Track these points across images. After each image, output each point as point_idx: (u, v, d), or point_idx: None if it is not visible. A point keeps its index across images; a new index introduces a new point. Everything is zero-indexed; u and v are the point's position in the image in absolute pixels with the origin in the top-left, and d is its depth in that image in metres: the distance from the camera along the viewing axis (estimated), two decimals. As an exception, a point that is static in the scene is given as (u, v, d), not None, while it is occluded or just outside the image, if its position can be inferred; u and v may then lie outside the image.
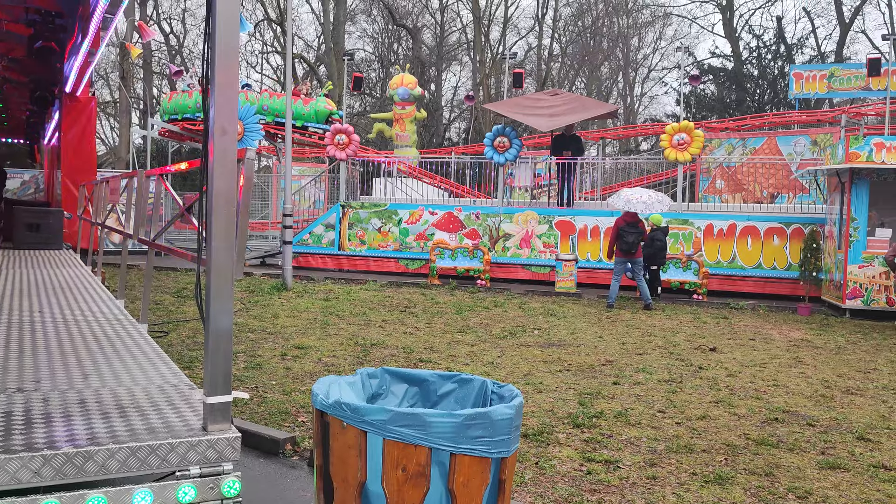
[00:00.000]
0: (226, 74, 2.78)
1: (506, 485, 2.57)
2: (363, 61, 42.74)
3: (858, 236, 12.16)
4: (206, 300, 2.78)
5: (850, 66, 22.23)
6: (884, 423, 5.98)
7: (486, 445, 2.41)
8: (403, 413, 2.39)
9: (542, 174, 18.05)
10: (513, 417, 2.47)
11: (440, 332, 9.65)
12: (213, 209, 2.74)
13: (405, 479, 2.41)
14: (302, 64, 39.73)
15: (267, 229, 23.42)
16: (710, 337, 9.96)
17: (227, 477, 2.61)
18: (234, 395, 2.79)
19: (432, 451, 2.39)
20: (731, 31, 39.34)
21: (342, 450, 2.51)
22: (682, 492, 4.44)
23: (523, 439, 5.31)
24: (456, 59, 44.34)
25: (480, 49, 37.59)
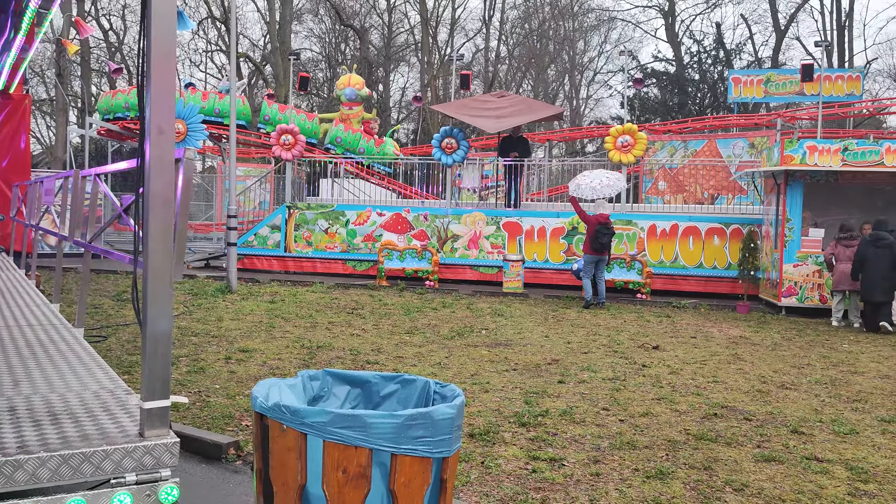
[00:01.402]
0: (162, 72, 2.72)
1: (447, 484, 2.57)
2: (310, 61, 42.37)
3: (793, 236, 12.56)
4: (144, 303, 2.72)
5: (785, 72, 22.99)
6: (816, 417, 6.19)
7: (427, 445, 2.41)
8: (344, 415, 2.38)
9: (489, 175, 18.16)
10: (454, 417, 2.48)
11: (388, 333, 9.63)
12: (150, 210, 2.68)
13: (346, 481, 2.40)
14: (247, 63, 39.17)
15: (211, 231, 23.02)
16: (653, 335, 10.16)
17: (164, 483, 2.55)
18: (172, 400, 2.73)
19: (373, 452, 2.38)
20: (674, 36, 40.27)
21: (282, 453, 2.49)
22: (625, 487, 4.52)
23: (469, 439, 5.34)
24: (404, 60, 44.31)
25: (428, 50, 37.64)
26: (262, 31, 41.41)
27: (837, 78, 21.88)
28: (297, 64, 29.35)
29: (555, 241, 15.23)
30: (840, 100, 21.41)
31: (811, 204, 12.80)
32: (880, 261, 11.13)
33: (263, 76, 39.70)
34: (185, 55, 41.87)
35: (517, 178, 16.03)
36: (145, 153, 2.71)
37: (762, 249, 13.80)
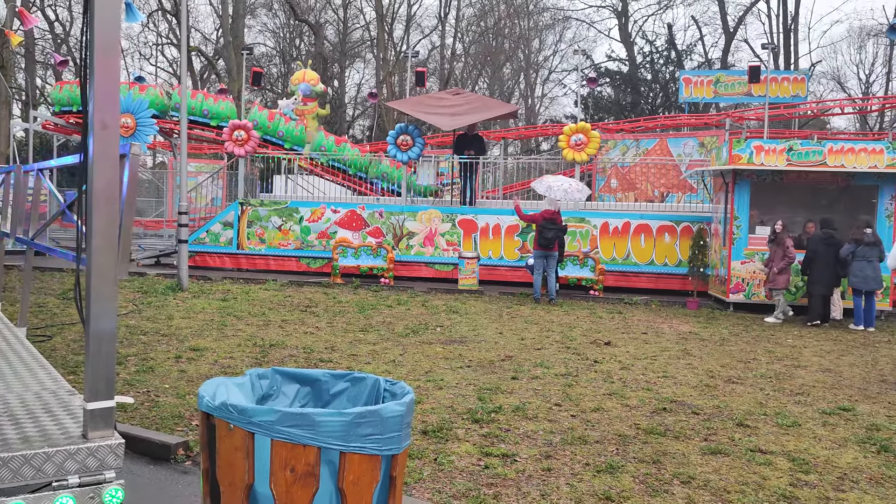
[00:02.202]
0: (106, 64, 2.66)
1: (397, 481, 2.58)
2: (264, 56, 41.86)
3: (741, 234, 12.87)
4: (87, 302, 2.66)
5: (734, 73, 23.50)
6: (761, 410, 6.35)
7: (376, 443, 2.41)
8: (292, 413, 2.37)
9: (445, 173, 18.18)
10: (403, 414, 2.48)
11: (342, 331, 9.58)
12: (94, 207, 2.63)
13: (294, 480, 2.38)
14: (199, 57, 38.52)
15: (162, 228, 22.58)
16: (605, 331, 10.30)
17: (109, 485, 2.50)
18: (117, 400, 2.67)
19: (321, 451, 2.37)
20: (627, 37, 40.85)
21: (229, 452, 2.46)
22: (576, 482, 4.58)
23: (423, 436, 5.35)
24: (359, 56, 44.06)
25: (384, 47, 37.50)
26: (215, 24, 40.75)
27: (783, 80, 22.46)
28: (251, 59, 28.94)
29: (510, 238, 15.33)
30: (786, 101, 21.98)
31: (758, 202, 13.12)
32: (828, 258, 11.53)
33: (216, 71, 39.08)
34: (135, 48, 40.98)
35: (472, 175, 16.08)
36: (88, 148, 2.65)
37: (711, 247, 14.10)
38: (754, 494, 4.45)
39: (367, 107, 41.09)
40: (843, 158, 12.32)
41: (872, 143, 12.73)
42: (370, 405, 2.69)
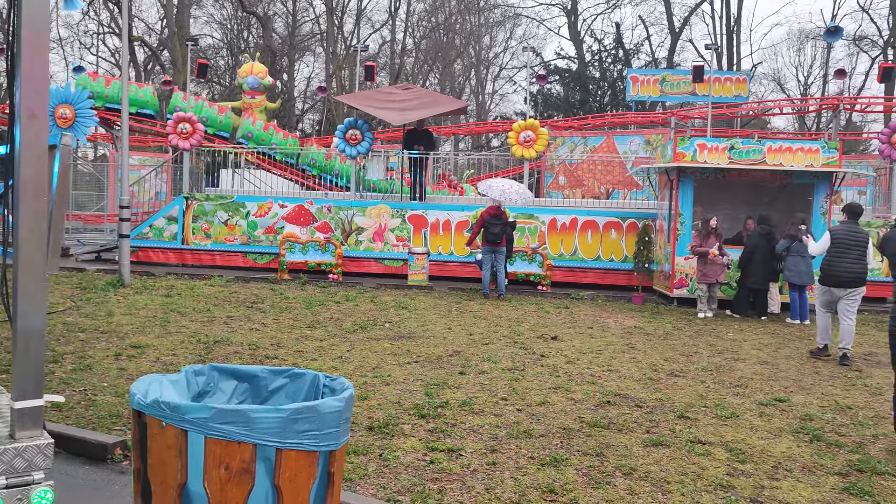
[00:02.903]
0: (34, 52, 2.57)
1: (335, 477, 2.55)
2: (210, 48, 41.04)
3: (684, 230, 13.13)
4: (14, 298, 2.57)
5: (679, 72, 23.94)
6: (701, 402, 6.50)
7: (313, 439, 2.38)
8: (226, 410, 2.32)
9: (394, 168, 18.12)
10: (342, 410, 2.46)
11: (288, 327, 9.47)
12: (20, 199, 2.54)
13: (228, 478, 2.34)
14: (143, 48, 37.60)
15: (103, 222, 21.98)
16: (552, 326, 10.41)
17: (37, 487, 2.43)
18: (46, 399, 2.59)
19: (257, 448, 2.33)
20: (576, 35, 41.29)
21: (161, 451, 2.40)
22: (520, 475, 4.62)
23: (368, 432, 5.32)
24: (309, 49, 43.56)
25: (333, 41, 37.16)
26: (159, 14, 39.78)
27: (726, 80, 22.98)
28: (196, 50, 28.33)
29: (459, 233, 15.36)
30: (728, 101, 22.49)
31: (701, 199, 13.41)
32: (767, 252, 11.87)
33: (160, 62, 38.19)
34: (75, 37, 39.76)
35: (422, 171, 16.06)
36: (15, 139, 2.56)
37: (656, 243, 14.36)
38: (693, 484, 4.55)
39: (316, 101, 40.68)
40: (781, 157, 12.67)
41: (809, 143, 13.12)
42: (310, 401, 2.66)
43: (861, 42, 39.83)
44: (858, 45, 39.95)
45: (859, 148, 34.48)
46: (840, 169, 12.80)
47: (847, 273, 8.77)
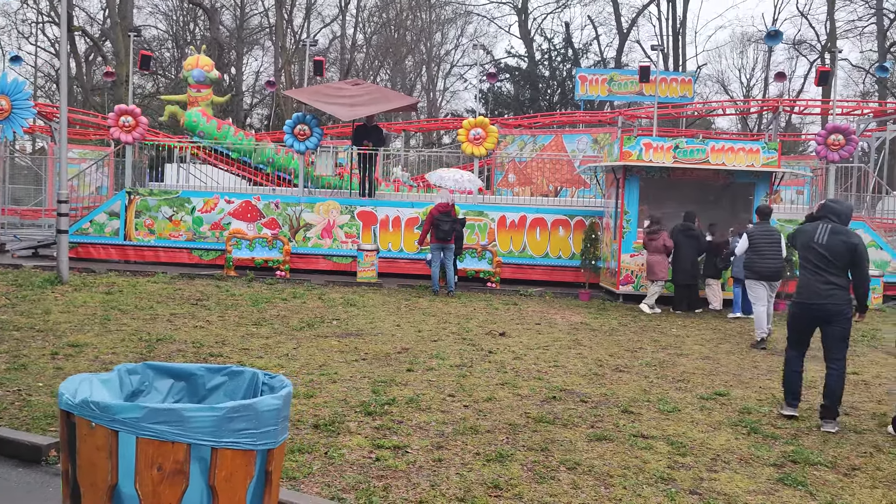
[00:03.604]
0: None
1: (273, 476, 2.51)
2: (155, 39, 40.09)
3: (630, 228, 13.35)
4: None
5: (626, 72, 24.33)
6: (645, 397, 6.62)
7: (250, 438, 2.34)
8: (159, 409, 2.26)
9: (343, 164, 17.98)
10: (280, 408, 2.42)
11: (234, 325, 9.31)
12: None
13: (161, 479, 2.28)
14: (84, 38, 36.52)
15: (41, 217, 21.29)
16: (500, 322, 10.47)
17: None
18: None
19: (192, 447, 2.28)
20: (526, 33, 41.60)
21: (90, 452, 2.33)
22: (466, 471, 4.63)
23: (314, 430, 5.27)
24: (258, 43, 42.91)
25: (283, 34, 36.67)
26: (101, 3, 38.68)
27: (672, 81, 23.46)
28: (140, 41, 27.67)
29: (409, 230, 15.33)
30: (674, 101, 22.97)
31: (647, 198, 13.65)
32: (689, 249, 12.15)
33: (102, 53, 37.14)
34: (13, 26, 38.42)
35: (371, 167, 15.97)
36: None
37: (602, 240, 14.56)
38: (635, 477, 4.63)
39: (265, 95, 40.10)
40: (723, 157, 12.97)
41: (750, 144, 13.46)
42: (248, 399, 2.61)
43: (800, 46, 41.09)
44: (798, 49, 41.20)
45: (799, 149, 35.54)
46: (779, 169, 13.17)
47: (767, 268, 9.74)
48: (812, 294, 6.03)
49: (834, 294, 5.94)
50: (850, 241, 5.98)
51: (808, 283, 6.09)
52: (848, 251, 5.94)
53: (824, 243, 6.01)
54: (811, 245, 6.09)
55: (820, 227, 6.13)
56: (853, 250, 5.94)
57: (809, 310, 6.08)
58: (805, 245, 6.16)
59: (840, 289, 5.96)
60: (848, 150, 15.25)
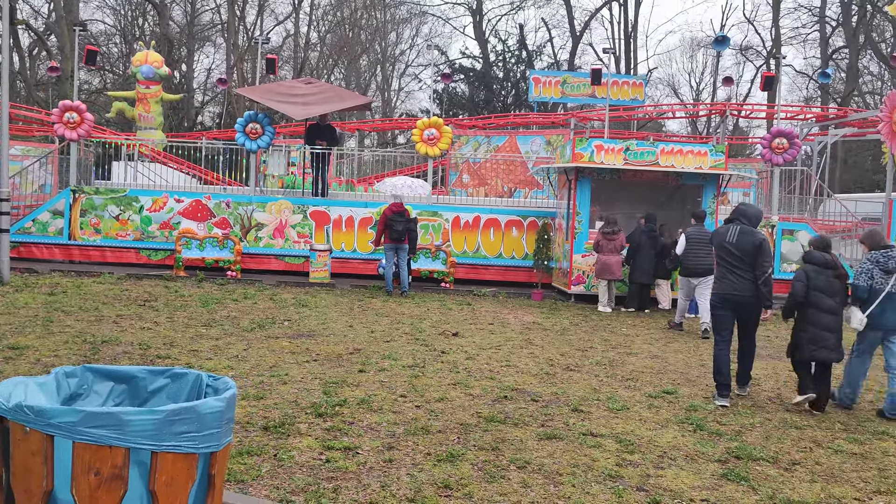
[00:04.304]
0: None
1: (216, 480, 2.47)
2: (102, 34, 39.12)
3: (582, 229, 13.51)
4: None
5: (579, 75, 24.62)
6: (594, 395, 6.70)
7: (192, 441, 2.30)
8: (97, 413, 2.20)
9: (296, 163, 17.80)
10: (223, 410, 2.38)
11: (183, 326, 9.15)
12: None
13: (99, 484, 2.22)
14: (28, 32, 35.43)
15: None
16: (454, 323, 10.49)
17: None
18: None
19: (131, 451, 2.23)
20: (481, 34, 41.76)
21: (25, 457, 2.26)
22: (416, 472, 4.63)
23: (264, 432, 5.21)
24: (209, 40, 42.20)
25: (235, 32, 36.14)
26: (46, -4, 37.56)
27: (624, 83, 23.81)
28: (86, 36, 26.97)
29: (363, 230, 15.26)
30: (625, 103, 23.32)
31: (599, 199, 13.83)
32: (650, 249, 12.37)
33: (47, 48, 36.10)
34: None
35: (324, 166, 15.84)
36: None
37: (555, 241, 14.71)
38: (584, 475, 4.69)
39: (216, 93, 39.47)
40: (673, 159, 13.23)
41: (698, 146, 13.75)
42: (192, 401, 2.56)
43: (747, 52, 42.13)
44: (744, 55, 42.23)
45: (746, 152, 36.41)
46: (726, 171, 13.48)
47: (699, 266, 10.80)
48: (728, 287, 6.77)
49: (744, 286, 6.68)
50: (755, 239, 6.67)
51: (723, 277, 6.85)
52: (754, 248, 6.61)
53: (735, 242, 6.73)
54: (724, 244, 6.81)
55: (731, 228, 6.84)
56: (758, 247, 6.61)
57: (725, 300, 6.82)
58: (720, 245, 6.89)
59: (749, 282, 6.66)
60: (791, 154, 15.69)
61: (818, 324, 6.48)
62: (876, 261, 6.51)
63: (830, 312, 6.49)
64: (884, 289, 6.41)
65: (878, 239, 6.70)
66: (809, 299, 6.51)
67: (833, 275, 6.55)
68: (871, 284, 6.45)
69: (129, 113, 19.58)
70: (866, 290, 6.47)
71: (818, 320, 6.48)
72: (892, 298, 6.43)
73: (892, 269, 6.43)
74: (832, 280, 6.54)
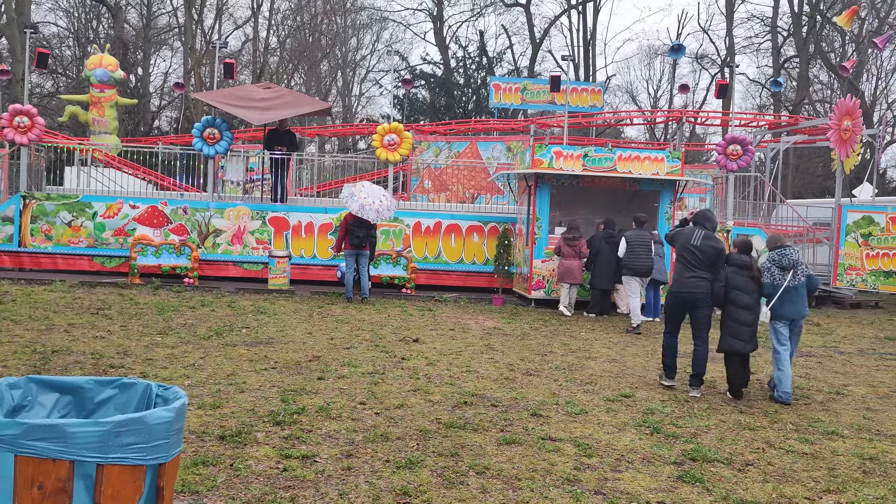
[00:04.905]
0: None
1: (165, 491, 2.42)
2: (55, 37, 38.27)
3: (542, 234, 13.61)
4: None
5: (539, 81, 24.78)
6: (553, 400, 6.74)
7: (140, 452, 2.25)
8: (39, 425, 2.14)
9: (255, 168, 17.62)
10: (172, 421, 2.34)
11: (137, 334, 8.97)
12: None
13: (42, 498, 2.16)
14: (-23, 33, 34.46)
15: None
16: (414, 329, 10.47)
17: None
18: None
19: (75, 464, 2.17)
20: (441, 41, 41.86)
21: (-37, 473, 2.19)
22: (375, 479, 4.60)
23: (220, 442, 5.13)
24: (166, 43, 41.58)
25: (192, 35, 35.65)
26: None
27: (583, 90, 24.04)
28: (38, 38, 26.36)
29: (322, 236, 15.16)
30: (584, 110, 23.54)
31: (559, 204, 13.94)
32: (611, 255, 12.51)
33: (-3, 49, 35.17)
34: None
35: (284, 172, 15.71)
36: None
37: (515, 246, 14.79)
38: (542, 480, 4.71)
39: (173, 98, 38.88)
40: (630, 165, 13.41)
41: (655, 153, 13.95)
42: (142, 412, 2.51)
43: (702, 60, 42.95)
44: (700, 63, 43.05)
45: (703, 158, 37.08)
46: (682, 177, 13.71)
47: (643, 266, 11.48)
48: (683, 285, 7.34)
49: (700, 286, 7.26)
50: (718, 246, 7.33)
51: (681, 275, 7.38)
52: (715, 253, 7.28)
53: (698, 245, 7.32)
54: (688, 246, 7.37)
55: (696, 231, 7.42)
56: (719, 253, 7.30)
57: (680, 297, 7.38)
58: (683, 245, 7.42)
59: (704, 281, 7.25)
60: (745, 160, 16.03)
61: (736, 319, 7.21)
62: (774, 260, 7.26)
63: (746, 309, 7.20)
64: (782, 284, 7.13)
65: (775, 241, 7.49)
66: (729, 297, 7.24)
67: (749, 275, 7.24)
68: (772, 281, 7.20)
69: (82, 117, 19.20)
70: (770, 287, 7.22)
71: (737, 316, 7.21)
72: (789, 292, 7.16)
73: (786, 266, 7.17)
74: (748, 280, 7.23)
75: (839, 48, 38.36)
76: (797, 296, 7.19)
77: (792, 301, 7.18)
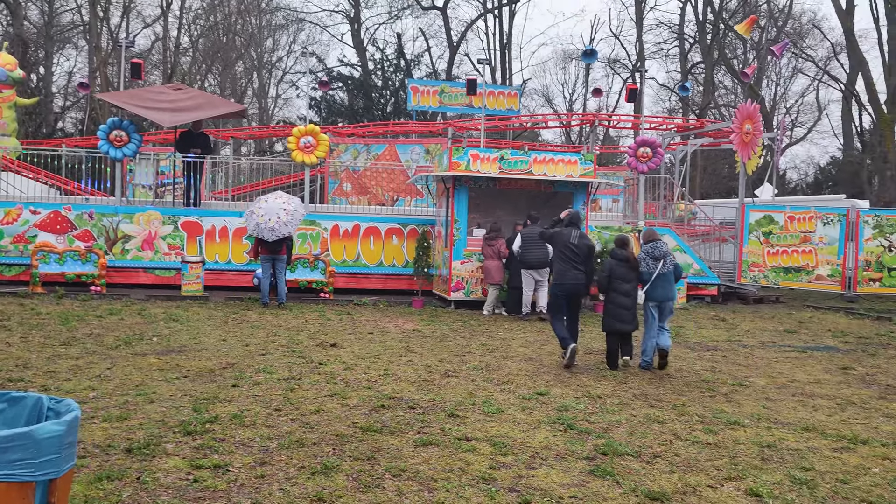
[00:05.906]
0: None
1: (57, 509, 2.33)
2: (-53, 33, 36.10)
3: (460, 236, 13.71)
4: None
5: (457, 84, 24.95)
6: (471, 400, 6.80)
7: (28, 468, 2.15)
8: (-85, 444, 2.03)
9: (166, 172, 17.09)
10: (63, 434, 2.24)
11: (38, 346, 8.56)
12: None
13: (-82, 522, 2.04)
14: None
15: None
16: (332, 333, 10.37)
17: None
18: None
19: (-44, 484, 2.06)
20: (359, 43, 41.63)
21: None
22: (289, 486, 4.53)
23: (127, 454, 4.95)
24: (70, 41, 39.82)
25: (97, 33, 34.28)
26: None
27: (499, 94, 24.34)
28: (-72, 34, 24.83)
29: (237, 241, 14.84)
30: (501, 113, 23.85)
31: (477, 206, 14.08)
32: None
33: None
34: None
35: (197, 175, 15.30)
36: None
37: (434, 248, 14.85)
38: (458, 479, 4.74)
39: (78, 98, 37.31)
40: (545, 168, 13.67)
41: (569, 155, 14.27)
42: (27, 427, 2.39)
43: (614, 65, 44.23)
44: (612, 68, 44.32)
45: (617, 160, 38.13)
46: (594, 179, 14.06)
47: (537, 259, 12.32)
48: (565, 278, 8.76)
49: (580, 278, 8.75)
50: (590, 244, 9.00)
51: (563, 270, 8.80)
52: (589, 250, 8.88)
53: (576, 243, 8.80)
54: (568, 244, 8.81)
55: (573, 231, 8.89)
56: (591, 250, 8.97)
57: (563, 288, 8.78)
58: (563, 244, 8.85)
59: (583, 274, 8.75)
60: (655, 162, 16.57)
61: (617, 303, 8.53)
62: (647, 252, 8.59)
63: (626, 294, 8.54)
64: (654, 272, 8.47)
65: (648, 236, 8.79)
66: (612, 284, 8.57)
67: (628, 266, 8.58)
68: (647, 269, 8.51)
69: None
70: (647, 274, 8.52)
71: (618, 300, 8.54)
72: (660, 278, 8.49)
73: (657, 257, 8.49)
74: (628, 270, 8.57)
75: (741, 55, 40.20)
76: (666, 281, 8.53)
77: (662, 286, 8.52)
